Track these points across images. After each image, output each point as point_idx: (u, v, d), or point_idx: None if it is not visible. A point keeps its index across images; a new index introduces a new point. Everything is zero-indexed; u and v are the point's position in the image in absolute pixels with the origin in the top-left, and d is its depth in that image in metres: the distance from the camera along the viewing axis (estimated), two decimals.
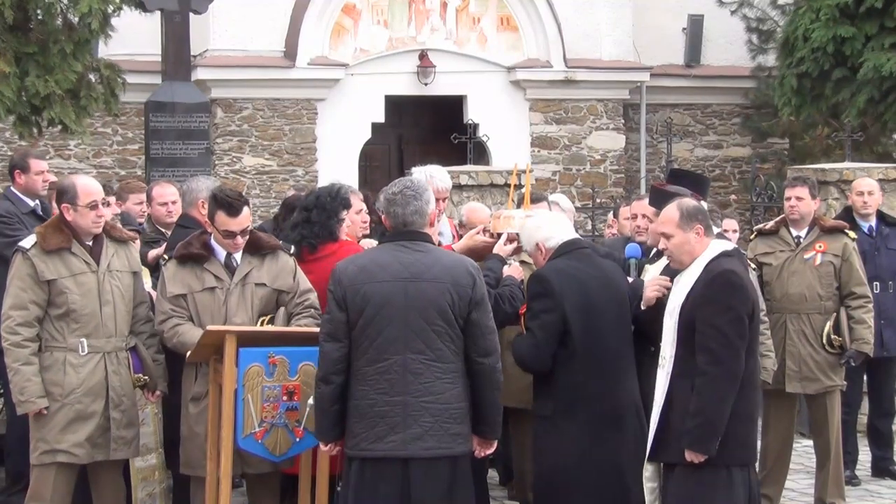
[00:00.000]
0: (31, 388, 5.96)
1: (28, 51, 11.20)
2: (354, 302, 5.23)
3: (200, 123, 13.18)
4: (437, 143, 16.57)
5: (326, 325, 5.32)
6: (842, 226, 8.00)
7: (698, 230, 5.35)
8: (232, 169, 18.49)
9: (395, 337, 5.20)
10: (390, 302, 5.22)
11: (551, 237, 5.89)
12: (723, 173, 20.94)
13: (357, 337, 5.25)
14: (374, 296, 5.22)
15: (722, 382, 5.13)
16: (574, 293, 5.66)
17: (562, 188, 19.16)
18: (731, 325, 5.15)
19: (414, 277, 5.23)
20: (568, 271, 5.73)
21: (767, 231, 8.03)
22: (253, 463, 5.97)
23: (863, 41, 14.83)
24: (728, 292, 5.19)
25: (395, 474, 5.18)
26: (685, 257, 5.37)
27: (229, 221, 6.01)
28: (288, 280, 6.14)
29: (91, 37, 11.56)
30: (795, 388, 7.75)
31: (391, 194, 5.49)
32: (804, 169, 11.05)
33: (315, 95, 18.83)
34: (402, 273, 5.26)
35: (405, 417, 5.17)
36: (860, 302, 7.78)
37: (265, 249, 6.14)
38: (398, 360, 5.18)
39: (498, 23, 19.47)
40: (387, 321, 5.21)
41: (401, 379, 5.18)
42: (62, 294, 6.01)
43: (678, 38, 20.69)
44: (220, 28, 18.14)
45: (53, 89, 11.13)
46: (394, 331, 5.21)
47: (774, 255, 7.87)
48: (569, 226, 6.14)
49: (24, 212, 7.66)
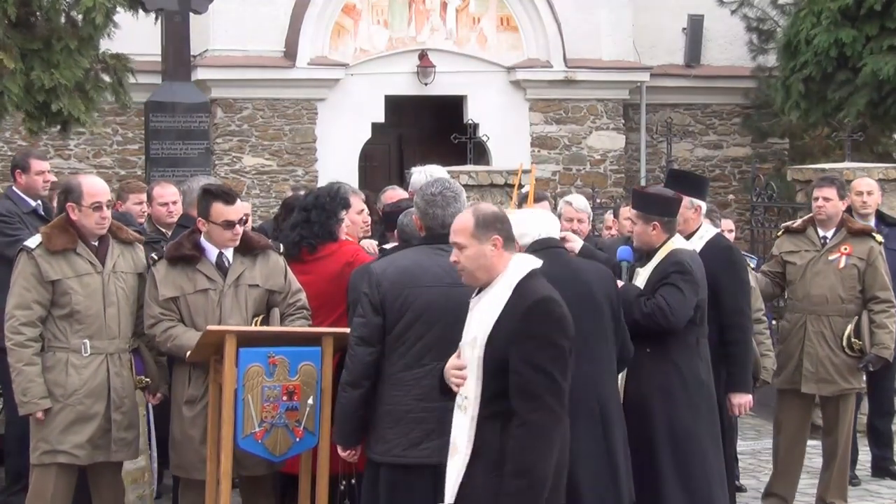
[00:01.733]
0: (33, 388, 5.95)
1: (33, 47, 11.21)
2: (394, 306, 5.12)
3: (200, 123, 13.18)
4: (437, 143, 16.58)
5: (360, 329, 5.18)
6: (868, 229, 7.95)
7: (496, 241, 4.64)
8: (232, 169, 18.49)
9: (434, 343, 5.10)
10: (431, 307, 5.12)
11: (526, 234, 5.66)
12: (723, 173, 20.95)
13: (393, 342, 5.14)
14: (415, 301, 5.12)
15: (547, 432, 4.39)
16: None
17: (562, 188, 19.17)
18: (555, 364, 4.43)
19: (455, 283, 5.02)
20: None
21: (795, 229, 7.96)
22: (247, 465, 5.96)
23: (863, 43, 14.82)
24: (549, 325, 4.48)
25: (429, 482, 5.06)
26: (480, 273, 4.61)
27: (227, 210, 5.99)
28: (279, 280, 6.14)
29: (95, 33, 11.56)
30: (811, 389, 7.71)
31: (430, 195, 5.35)
32: (804, 169, 11.04)
33: (315, 95, 18.84)
34: (444, 278, 5.14)
35: (441, 424, 5.01)
36: (883, 307, 7.69)
37: (256, 249, 6.14)
38: (437, 367, 5.00)
39: (498, 23, 19.48)
40: (426, 326, 5.12)
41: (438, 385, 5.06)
42: (66, 295, 5.99)
43: (678, 38, 20.69)
44: (220, 28, 18.14)
45: (59, 80, 11.13)
46: (433, 337, 5.11)
47: (800, 255, 7.83)
48: (551, 224, 5.85)
49: (25, 211, 7.66)
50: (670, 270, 5.97)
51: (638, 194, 6.40)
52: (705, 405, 6.02)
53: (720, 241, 6.70)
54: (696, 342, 6.05)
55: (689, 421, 5.91)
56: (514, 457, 4.33)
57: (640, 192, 6.40)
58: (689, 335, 6.01)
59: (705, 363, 6.09)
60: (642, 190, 6.50)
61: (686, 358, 5.99)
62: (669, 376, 5.92)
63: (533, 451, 4.33)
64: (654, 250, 6.15)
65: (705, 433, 5.98)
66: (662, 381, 5.90)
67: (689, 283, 5.94)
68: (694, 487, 5.87)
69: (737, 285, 6.53)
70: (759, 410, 9.87)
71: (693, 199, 6.58)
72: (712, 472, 5.96)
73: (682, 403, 5.91)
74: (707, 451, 5.96)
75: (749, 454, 9.36)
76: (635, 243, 6.33)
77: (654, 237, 6.14)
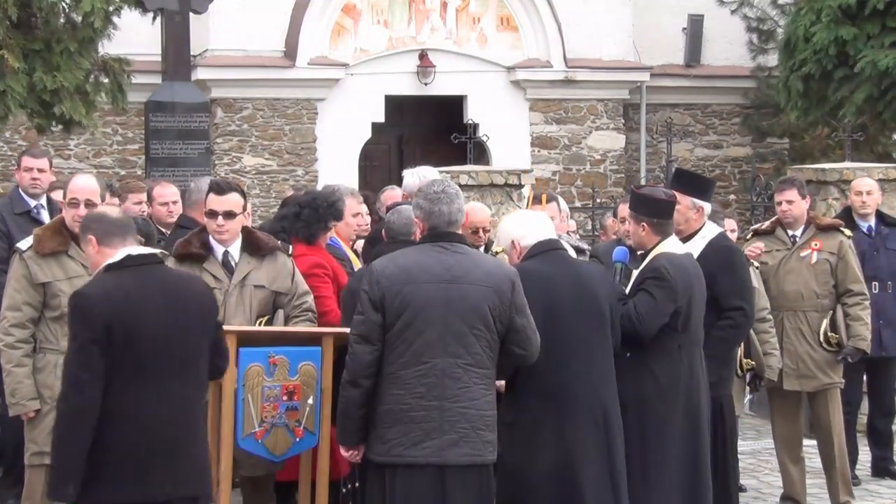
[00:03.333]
0: (22, 390, 5.93)
1: (34, 48, 11.23)
2: (393, 304, 5.08)
3: (200, 123, 13.19)
4: (437, 143, 16.58)
5: (359, 327, 5.14)
6: (837, 224, 8.01)
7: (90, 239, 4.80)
8: (232, 169, 18.48)
9: (434, 340, 5.06)
10: (430, 304, 5.08)
11: (526, 235, 5.72)
12: (723, 173, 20.93)
13: (392, 339, 5.10)
14: (414, 298, 5.08)
15: (65, 418, 4.51)
16: (539, 295, 5.41)
17: (562, 188, 19.17)
18: (73, 356, 4.54)
19: (455, 280, 5.08)
20: (535, 272, 5.52)
21: (763, 231, 8.05)
22: (246, 465, 5.96)
23: (864, 41, 14.81)
24: (72, 317, 4.63)
25: (430, 481, 5.04)
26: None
27: (213, 199, 6.02)
28: (286, 282, 6.13)
29: (94, 36, 11.57)
30: (793, 386, 7.76)
31: (434, 193, 5.31)
32: (804, 169, 11.05)
33: (315, 95, 18.83)
34: (444, 275, 5.12)
35: (442, 423, 5.02)
36: (857, 299, 7.79)
37: (264, 250, 6.13)
38: (437, 364, 5.03)
39: (498, 23, 19.47)
40: (426, 324, 5.08)
41: (439, 383, 5.04)
42: (56, 297, 5.95)
43: (678, 38, 20.69)
44: (220, 28, 18.12)
45: (62, 83, 11.14)
46: (433, 334, 5.06)
47: (771, 255, 7.88)
48: (549, 226, 5.90)
49: (18, 212, 7.59)
50: (647, 276, 5.94)
51: (632, 194, 6.38)
52: (682, 411, 5.92)
53: (721, 241, 6.68)
54: (677, 349, 5.94)
55: (658, 423, 5.85)
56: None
57: (635, 192, 6.36)
58: (669, 342, 5.90)
59: (689, 370, 5.97)
60: (637, 190, 6.40)
61: (664, 365, 5.89)
62: (645, 383, 5.86)
63: (56, 436, 4.54)
64: (646, 252, 6.09)
65: (680, 437, 5.90)
66: (637, 388, 5.82)
67: (664, 289, 5.85)
68: (659, 495, 5.83)
69: (733, 285, 6.49)
70: (759, 410, 9.88)
71: (695, 200, 6.57)
72: (685, 478, 5.91)
73: (653, 406, 5.85)
74: (677, 456, 5.89)
75: (749, 454, 9.34)
76: (629, 243, 6.34)
77: (644, 238, 6.09)
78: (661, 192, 6.28)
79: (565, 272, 5.61)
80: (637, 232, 6.12)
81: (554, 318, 5.46)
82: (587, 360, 5.53)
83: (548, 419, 5.47)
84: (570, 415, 5.47)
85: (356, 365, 5.14)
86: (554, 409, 5.46)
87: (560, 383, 5.47)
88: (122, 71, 12.23)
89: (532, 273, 5.50)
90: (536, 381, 5.44)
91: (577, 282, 5.58)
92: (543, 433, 5.46)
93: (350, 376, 5.16)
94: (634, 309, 5.83)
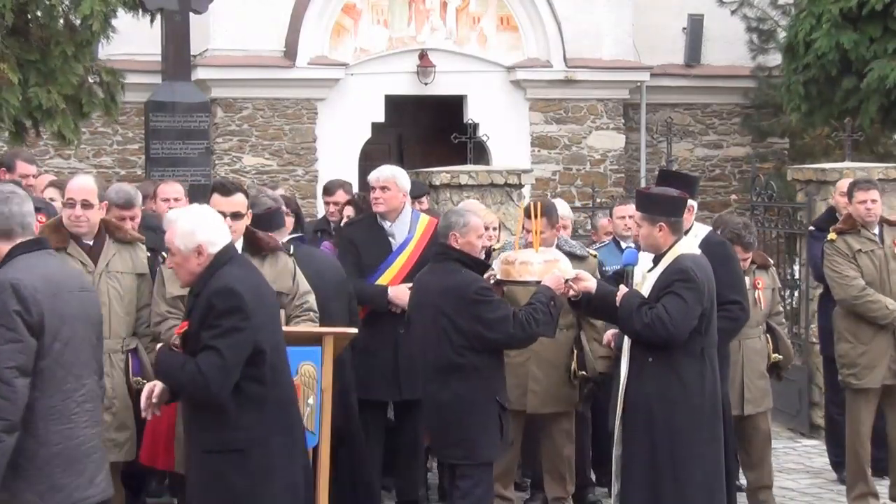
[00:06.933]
0: None
1: (30, 58, 11.20)
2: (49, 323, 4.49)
3: (200, 123, 13.19)
4: (437, 143, 16.57)
5: (17, 357, 4.36)
6: None
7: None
8: (232, 169, 18.48)
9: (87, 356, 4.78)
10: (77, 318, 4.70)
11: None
12: (723, 173, 20.94)
13: (47, 367, 4.50)
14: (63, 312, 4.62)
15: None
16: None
17: (562, 188, 19.18)
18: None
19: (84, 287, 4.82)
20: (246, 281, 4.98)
21: (846, 230, 7.97)
22: None
23: (867, 45, 14.76)
24: None
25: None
26: None
27: (220, 201, 6.01)
28: (287, 282, 6.13)
29: (93, 38, 11.57)
30: None
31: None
32: (804, 169, 11.04)
33: (315, 95, 18.83)
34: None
35: (103, 451, 4.86)
36: None
37: (265, 251, 6.13)
38: (92, 385, 4.74)
39: (498, 22, 19.47)
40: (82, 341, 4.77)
41: None
42: None
43: (678, 38, 20.68)
44: (220, 28, 18.13)
45: (56, 102, 11.12)
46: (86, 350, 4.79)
47: (868, 255, 7.87)
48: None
49: None
50: (673, 278, 5.80)
51: (642, 195, 6.16)
52: (709, 411, 5.90)
53: (713, 237, 6.76)
54: (700, 352, 5.88)
55: (688, 423, 5.82)
56: None
57: (645, 193, 6.16)
58: (694, 345, 5.84)
59: (712, 371, 5.93)
60: (646, 190, 6.23)
61: (689, 368, 5.83)
62: (670, 384, 5.80)
63: None
64: (661, 254, 5.96)
65: (707, 438, 5.89)
66: (663, 388, 5.79)
67: (692, 291, 5.77)
68: (691, 494, 5.84)
69: (729, 279, 6.51)
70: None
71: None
72: (712, 477, 5.91)
73: (682, 407, 5.80)
74: (705, 455, 5.88)
75: None
76: (642, 246, 6.18)
77: (660, 239, 5.92)
78: (671, 189, 6.15)
79: None
80: (653, 234, 5.93)
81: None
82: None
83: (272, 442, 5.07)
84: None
85: (19, 405, 4.36)
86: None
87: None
88: (116, 83, 12.22)
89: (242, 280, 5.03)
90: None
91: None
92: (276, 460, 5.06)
93: (12, 421, 4.33)
94: (666, 312, 5.71)
